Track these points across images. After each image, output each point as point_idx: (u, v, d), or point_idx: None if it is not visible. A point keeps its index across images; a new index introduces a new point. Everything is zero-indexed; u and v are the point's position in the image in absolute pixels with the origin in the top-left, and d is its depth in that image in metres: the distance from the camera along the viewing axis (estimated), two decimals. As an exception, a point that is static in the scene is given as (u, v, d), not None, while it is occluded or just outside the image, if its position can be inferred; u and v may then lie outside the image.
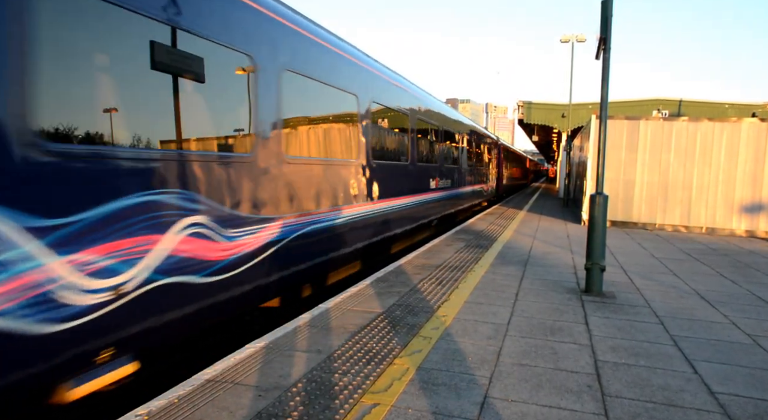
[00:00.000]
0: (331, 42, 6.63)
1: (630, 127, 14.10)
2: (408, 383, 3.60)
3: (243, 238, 4.59)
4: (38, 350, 2.82)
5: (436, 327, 4.86)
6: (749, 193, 13.29)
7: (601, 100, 6.37)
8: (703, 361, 4.23)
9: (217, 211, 4.24)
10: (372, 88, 7.89)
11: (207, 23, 4.17)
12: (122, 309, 3.33)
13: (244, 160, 4.65)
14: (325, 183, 6.26)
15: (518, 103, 31.00)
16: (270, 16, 5.16)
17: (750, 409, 3.37)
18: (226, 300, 4.38)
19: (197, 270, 3.99)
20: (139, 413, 3.07)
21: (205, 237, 4.09)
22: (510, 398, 3.41)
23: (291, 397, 3.34)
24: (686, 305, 6.03)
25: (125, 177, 3.36)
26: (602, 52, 6.34)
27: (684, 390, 3.63)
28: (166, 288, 3.69)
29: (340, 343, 4.35)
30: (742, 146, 13.29)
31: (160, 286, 3.63)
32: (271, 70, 5.15)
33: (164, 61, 3.73)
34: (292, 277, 5.52)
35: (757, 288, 7.10)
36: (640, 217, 14.23)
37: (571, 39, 25.77)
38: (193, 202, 3.95)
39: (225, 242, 4.33)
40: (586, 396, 3.48)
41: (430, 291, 6.26)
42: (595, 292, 6.38)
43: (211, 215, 4.17)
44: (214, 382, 3.54)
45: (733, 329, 5.13)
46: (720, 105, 27.24)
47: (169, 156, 3.74)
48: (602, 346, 4.48)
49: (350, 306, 5.50)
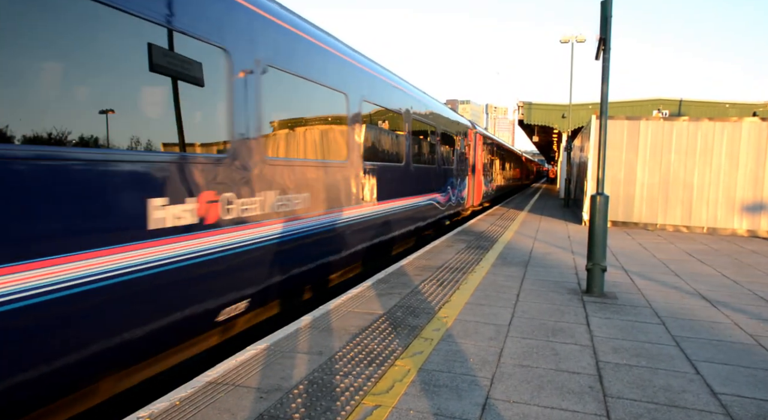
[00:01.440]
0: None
1: (630, 127, 14.10)
2: (409, 385, 3.59)
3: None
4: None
5: (438, 328, 4.85)
6: (750, 192, 13.27)
7: (601, 101, 6.37)
8: (705, 361, 4.22)
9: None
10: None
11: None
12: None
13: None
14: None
15: (518, 104, 31.02)
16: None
17: (753, 409, 3.36)
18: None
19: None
20: (141, 415, 3.07)
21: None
22: (511, 399, 3.40)
23: (292, 399, 3.33)
24: (688, 306, 6.02)
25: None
26: (602, 52, 6.34)
27: (686, 391, 3.62)
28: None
29: (342, 345, 4.35)
30: (743, 146, 13.28)
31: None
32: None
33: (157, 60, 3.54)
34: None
35: (759, 288, 7.09)
36: (641, 217, 14.22)
37: (571, 39, 25.79)
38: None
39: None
40: (587, 397, 3.47)
41: (431, 292, 6.25)
42: (596, 292, 6.37)
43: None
44: (215, 384, 3.54)
45: (735, 329, 5.12)
46: (721, 104, 27.24)
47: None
48: (604, 347, 4.47)
49: (351, 308, 5.49)
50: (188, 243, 3.93)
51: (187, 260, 3.92)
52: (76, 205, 3.03)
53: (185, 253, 3.89)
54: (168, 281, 3.75)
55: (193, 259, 3.98)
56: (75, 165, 3.03)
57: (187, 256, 3.91)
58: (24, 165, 2.76)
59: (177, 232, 3.81)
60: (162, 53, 3.69)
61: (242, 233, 4.62)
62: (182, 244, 3.86)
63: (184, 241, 3.89)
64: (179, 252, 3.83)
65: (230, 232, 4.44)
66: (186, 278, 3.94)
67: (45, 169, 2.86)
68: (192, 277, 4.00)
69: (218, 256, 4.28)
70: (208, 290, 4.23)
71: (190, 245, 3.95)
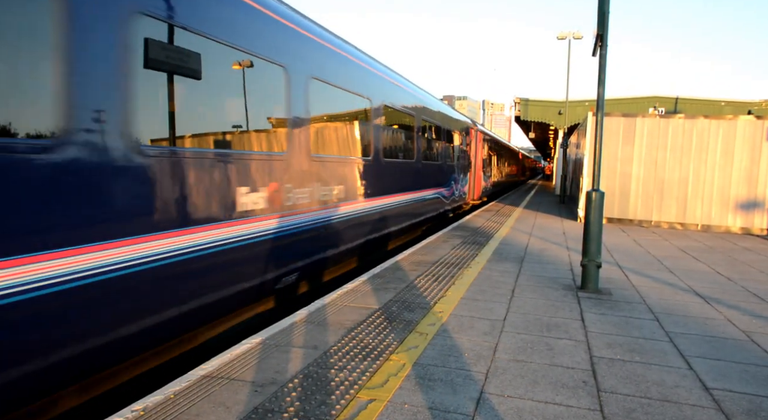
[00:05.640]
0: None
1: (626, 124, 14.12)
2: (404, 379, 3.60)
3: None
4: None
5: (433, 323, 4.86)
6: (745, 190, 13.34)
7: (598, 97, 6.38)
8: (698, 357, 4.25)
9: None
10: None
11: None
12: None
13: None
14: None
15: (515, 100, 31.01)
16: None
17: (744, 404, 3.39)
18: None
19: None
20: (135, 408, 3.06)
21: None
22: (506, 394, 3.42)
23: (287, 392, 3.33)
24: (682, 302, 6.05)
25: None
26: (599, 48, 6.34)
27: (679, 386, 3.65)
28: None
29: (337, 339, 4.35)
30: (737, 143, 13.34)
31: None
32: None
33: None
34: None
35: (752, 285, 7.14)
36: (636, 214, 14.27)
37: (568, 36, 25.79)
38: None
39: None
40: (581, 392, 3.49)
41: (426, 287, 6.26)
42: (591, 288, 6.40)
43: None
44: (210, 377, 3.54)
45: (728, 325, 5.16)
46: (716, 102, 27.34)
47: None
48: (598, 343, 4.49)
49: (347, 302, 5.50)
50: (260, 223, 4.94)
51: (261, 237, 4.97)
52: (212, 188, 4.23)
53: (259, 230, 4.94)
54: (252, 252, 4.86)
55: (265, 236, 5.04)
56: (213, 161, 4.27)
57: (260, 234, 4.96)
58: (192, 161, 4.00)
59: (254, 214, 4.84)
60: (254, 80, 4.94)
61: (295, 217, 5.67)
62: (257, 224, 4.90)
63: (259, 221, 4.93)
64: (256, 230, 4.89)
65: (287, 215, 5.48)
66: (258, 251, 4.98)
67: (201, 162, 4.10)
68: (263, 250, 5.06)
69: (281, 235, 5.34)
70: (273, 262, 5.24)
71: (261, 225, 4.97)
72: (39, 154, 2.83)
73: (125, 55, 3.43)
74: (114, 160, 3.33)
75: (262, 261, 5.04)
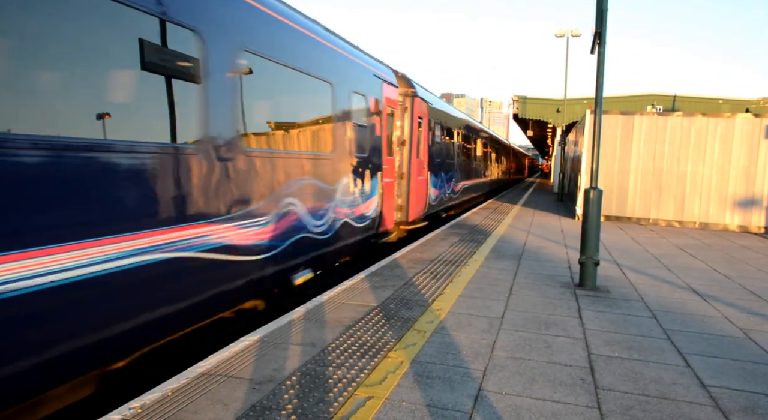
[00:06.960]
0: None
1: (625, 122, 14.13)
2: (402, 376, 3.60)
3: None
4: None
5: (431, 320, 4.86)
6: (742, 188, 13.37)
7: (596, 95, 6.38)
8: (695, 354, 4.26)
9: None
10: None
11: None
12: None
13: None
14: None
15: (513, 98, 30.99)
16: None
17: (741, 401, 3.40)
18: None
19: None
20: (132, 406, 3.06)
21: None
22: (504, 391, 3.42)
23: (285, 390, 3.33)
24: (679, 299, 6.07)
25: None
26: (597, 46, 6.34)
27: (676, 383, 3.65)
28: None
29: (335, 337, 4.35)
30: (735, 141, 13.36)
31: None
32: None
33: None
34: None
35: (750, 283, 7.15)
36: (634, 211, 14.29)
37: (567, 34, 25.78)
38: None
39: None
40: (579, 389, 3.49)
41: (424, 285, 6.26)
42: (588, 286, 6.40)
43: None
44: (208, 375, 3.54)
45: (726, 323, 5.17)
46: (714, 100, 27.35)
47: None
48: (596, 340, 4.50)
49: (345, 300, 5.49)
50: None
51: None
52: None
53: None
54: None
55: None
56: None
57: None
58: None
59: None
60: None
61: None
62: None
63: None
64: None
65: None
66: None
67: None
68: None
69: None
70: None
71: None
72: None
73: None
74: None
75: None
